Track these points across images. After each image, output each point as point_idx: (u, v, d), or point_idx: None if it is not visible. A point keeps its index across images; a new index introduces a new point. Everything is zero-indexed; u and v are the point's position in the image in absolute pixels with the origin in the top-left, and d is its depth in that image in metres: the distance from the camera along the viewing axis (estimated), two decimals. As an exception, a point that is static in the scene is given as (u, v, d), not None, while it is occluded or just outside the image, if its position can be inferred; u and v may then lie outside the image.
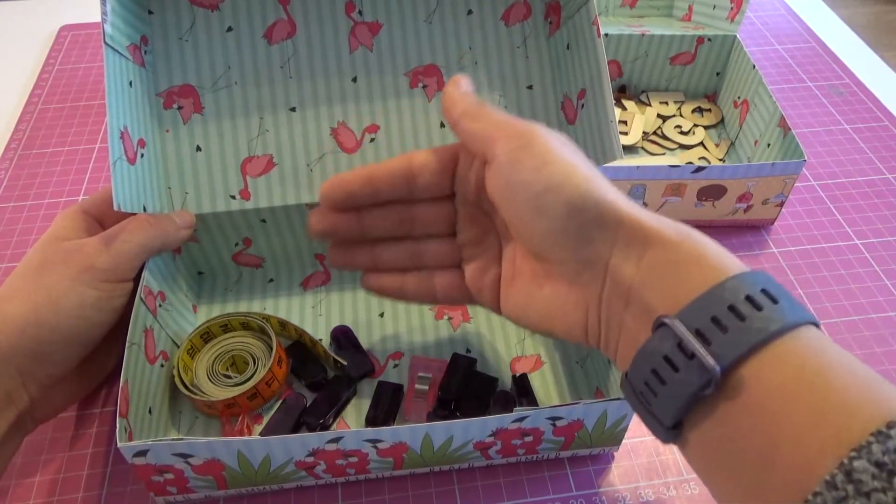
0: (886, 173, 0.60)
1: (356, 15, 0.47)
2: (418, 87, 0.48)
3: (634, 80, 0.65)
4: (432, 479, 0.41)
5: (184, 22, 0.45)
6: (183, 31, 0.45)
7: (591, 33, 0.43)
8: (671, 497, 0.40)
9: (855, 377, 0.24)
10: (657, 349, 0.27)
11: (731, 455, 0.25)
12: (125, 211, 0.39)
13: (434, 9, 0.47)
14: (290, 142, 0.47)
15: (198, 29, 0.46)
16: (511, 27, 0.48)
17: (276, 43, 0.46)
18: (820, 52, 0.74)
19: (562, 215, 0.31)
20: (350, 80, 0.47)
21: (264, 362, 0.43)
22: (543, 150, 0.32)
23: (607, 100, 0.41)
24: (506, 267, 0.36)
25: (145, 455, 0.34)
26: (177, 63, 0.46)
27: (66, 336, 0.37)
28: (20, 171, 0.60)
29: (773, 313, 0.25)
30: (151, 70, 0.45)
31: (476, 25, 0.48)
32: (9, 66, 0.72)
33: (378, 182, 0.37)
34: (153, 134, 0.45)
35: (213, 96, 0.46)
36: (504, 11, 0.48)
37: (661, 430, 0.27)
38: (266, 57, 0.46)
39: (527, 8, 0.48)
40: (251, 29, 0.46)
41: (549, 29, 0.48)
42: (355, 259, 0.40)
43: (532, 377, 0.45)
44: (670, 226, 0.30)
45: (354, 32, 0.47)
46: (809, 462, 0.23)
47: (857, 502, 0.21)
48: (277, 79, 0.46)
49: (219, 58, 0.46)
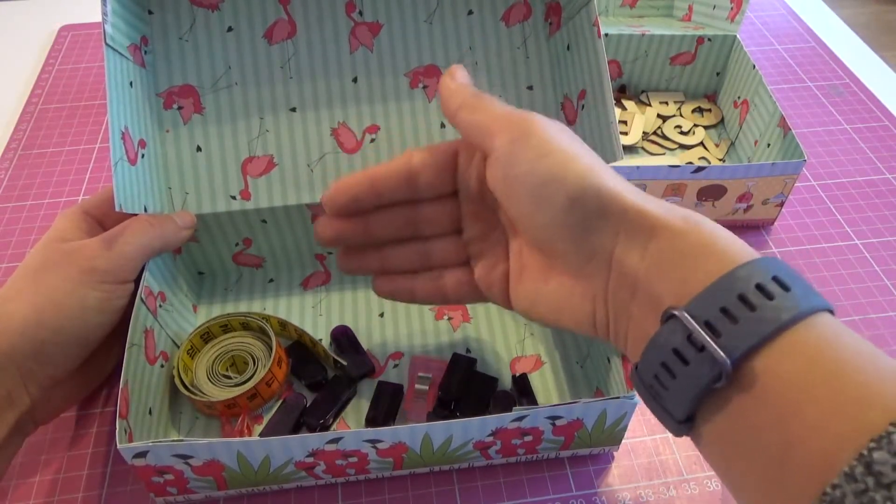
0: (886, 173, 0.60)
1: (356, 15, 0.47)
2: (419, 87, 0.48)
3: (634, 80, 0.65)
4: (432, 479, 0.41)
5: (184, 22, 0.45)
6: (183, 31, 0.45)
7: (592, 34, 0.43)
8: (671, 497, 0.40)
9: (872, 365, 0.23)
10: (666, 342, 0.26)
11: (746, 448, 0.25)
12: (126, 212, 0.39)
13: (434, 9, 0.47)
14: (290, 142, 0.47)
15: (198, 29, 0.46)
16: (511, 27, 0.48)
17: (277, 43, 0.46)
18: (820, 52, 0.74)
19: (562, 208, 0.30)
20: (350, 80, 0.47)
21: (264, 362, 0.43)
22: (541, 141, 0.31)
23: (608, 101, 0.41)
24: (513, 262, 0.36)
25: (145, 456, 0.34)
26: (177, 63, 0.46)
27: (67, 337, 0.37)
28: (20, 171, 0.60)
29: (784, 302, 0.25)
30: (152, 70, 0.45)
31: (476, 26, 0.48)
32: (9, 66, 0.72)
33: (380, 184, 0.37)
34: (153, 134, 0.45)
35: (213, 96, 0.46)
36: (504, 12, 0.48)
37: (673, 423, 0.27)
38: (266, 57, 0.46)
39: (527, 8, 0.48)
40: (251, 29, 0.46)
41: (549, 30, 0.48)
42: (364, 264, 0.40)
43: (532, 377, 0.45)
44: (678, 214, 0.29)
45: (355, 33, 0.47)
46: (827, 454, 0.22)
47: (877, 494, 0.20)
48: (278, 79, 0.46)
49: (219, 58, 0.46)
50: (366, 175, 0.37)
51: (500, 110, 0.34)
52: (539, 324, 0.39)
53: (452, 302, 0.40)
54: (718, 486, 0.40)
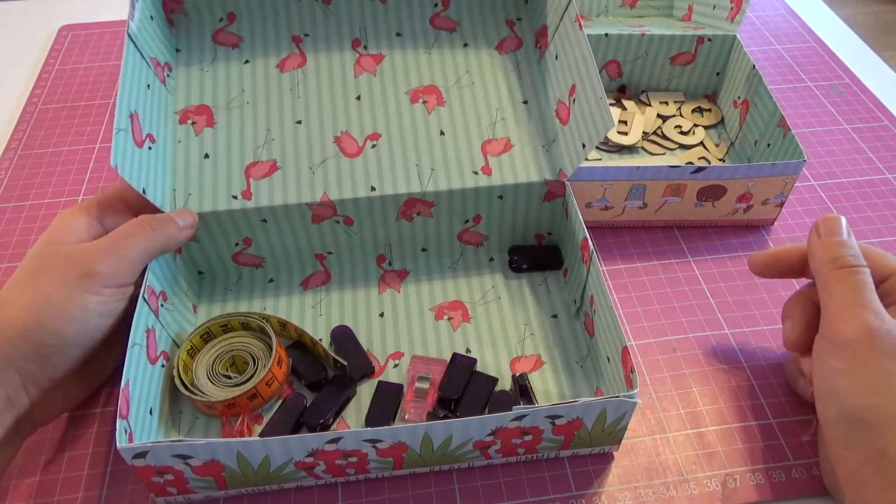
0: (886, 173, 0.60)
1: (361, 49, 0.52)
2: (419, 102, 0.50)
3: (634, 80, 0.65)
4: (432, 479, 0.41)
5: (206, 57, 0.51)
6: (205, 65, 0.51)
7: (574, 29, 0.46)
8: (671, 497, 0.40)
9: None
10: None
11: None
12: (122, 175, 0.40)
13: (433, 42, 0.52)
14: (294, 148, 0.48)
15: (218, 62, 0.51)
16: (505, 55, 0.53)
17: (288, 71, 0.51)
18: (820, 52, 0.74)
19: (845, 433, 0.35)
20: (354, 98, 0.50)
21: (264, 362, 0.43)
22: (873, 381, 0.34)
23: (595, 82, 0.44)
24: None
25: (145, 456, 0.34)
26: (195, 89, 0.50)
27: (67, 340, 0.37)
28: (20, 171, 0.60)
29: None
30: (172, 92, 0.49)
31: (472, 55, 0.53)
32: (9, 66, 0.72)
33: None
34: (164, 138, 0.47)
35: (225, 113, 0.49)
36: (497, 43, 0.53)
37: None
38: (277, 82, 0.51)
39: (518, 40, 0.53)
40: (266, 61, 0.51)
41: (539, 52, 0.52)
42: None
43: (532, 377, 0.45)
44: None
45: (359, 62, 0.52)
46: None
47: None
48: (286, 99, 0.50)
49: (235, 83, 0.50)
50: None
51: (860, 298, 0.36)
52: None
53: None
54: (718, 486, 0.40)
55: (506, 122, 0.50)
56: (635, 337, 0.48)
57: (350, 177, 0.48)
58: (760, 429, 0.43)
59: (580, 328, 0.47)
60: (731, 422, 0.43)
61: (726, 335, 0.48)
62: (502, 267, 0.52)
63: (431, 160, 0.48)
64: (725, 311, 0.49)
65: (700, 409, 0.44)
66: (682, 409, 0.44)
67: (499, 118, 0.50)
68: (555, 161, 0.49)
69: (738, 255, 0.53)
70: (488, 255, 0.52)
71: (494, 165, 0.48)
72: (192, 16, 0.51)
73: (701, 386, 0.45)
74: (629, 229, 0.55)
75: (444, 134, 0.49)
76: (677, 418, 0.44)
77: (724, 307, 0.50)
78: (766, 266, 0.44)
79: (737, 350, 0.47)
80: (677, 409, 0.44)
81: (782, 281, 0.51)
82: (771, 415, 0.44)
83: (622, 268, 0.52)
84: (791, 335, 0.41)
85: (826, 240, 0.39)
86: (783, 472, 0.41)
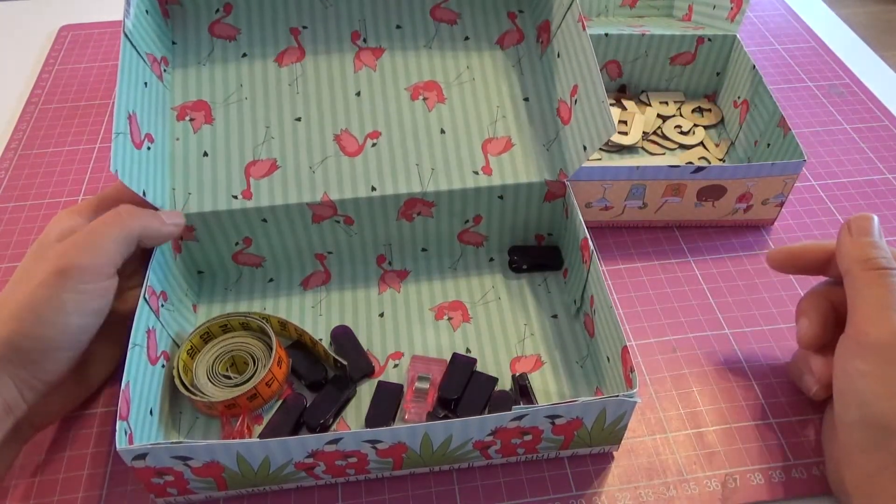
0: (886, 173, 0.60)
1: (361, 42, 0.51)
2: (419, 99, 0.50)
3: (634, 80, 0.65)
4: (432, 479, 0.41)
5: (203, 50, 0.50)
6: (202, 58, 0.50)
7: (578, 29, 0.45)
8: (671, 497, 0.40)
9: None
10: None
11: None
12: (121, 180, 0.39)
13: (433, 36, 0.52)
14: (293, 147, 0.48)
15: (215, 55, 0.50)
16: (506, 50, 0.52)
17: (286, 66, 0.50)
18: (820, 52, 0.74)
19: (863, 437, 0.34)
20: (354, 94, 0.50)
21: (264, 363, 0.43)
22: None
23: (597, 84, 0.43)
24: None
25: (145, 458, 0.34)
26: (192, 84, 0.49)
27: (50, 345, 0.36)
28: (20, 171, 0.60)
29: None
30: (169, 87, 0.48)
31: (473, 49, 0.52)
32: (9, 66, 0.72)
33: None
34: (163, 137, 0.47)
35: (224, 109, 0.49)
36: (499, 37, 0.52)
37: None
38: (276, 77, 0.50)
39: (520, 34, 0.52)
40: (264, 55, 0.50)
41: (541, 48, 0.51)
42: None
43: (532, 377, 0.45)
44: None
45: (359, 56, 0.51)
46: None
47: None
48: (285, 95, 0.50)
49: (232, 78, 0.50)
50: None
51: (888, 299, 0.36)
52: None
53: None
54: (718, 486, 0.40)
55: (506, 119, 0.50)
56: (635, 337, 0.48)
57: (350, 176, 0.47)
58: (760, 429, 0.43)
59: (580, 328, 0.47)
60: (731, 422, 0.43)
61: (726, 335, 0.48)
62: (502, 267, 0.52)
63: (432, 159, 0.48)
64: (725, 311, 0.50)
65: (700, 409, 0.44)
66: (682, 408, 0.44)
67: (499, 116, 0.50)
68: (555, 161, 0.49)
69: (738, 255, 0.53)
70: (488, 255, 0.52)
71: (495, 165, 0.48)
72: (188, 7, 0.50)
73: (701, 386, 0.45)
74: (629, 229, 0.55)
75: (444, 132, 0.49)
76: (677, 418, 0.44)
77: (724, 307, 0.50)
78: (785, 262, 0.43)
79: (737, 350, 0.47)
80: (677, 409, 0.44)
81: (783, 281, 0.51)
82: (771, 415, 0.44)
83: (622, 268, 0.52)
84: (807, 333, 0.41)
85: (858, 240, 0.38)
86: (783, 472, 0.41)
